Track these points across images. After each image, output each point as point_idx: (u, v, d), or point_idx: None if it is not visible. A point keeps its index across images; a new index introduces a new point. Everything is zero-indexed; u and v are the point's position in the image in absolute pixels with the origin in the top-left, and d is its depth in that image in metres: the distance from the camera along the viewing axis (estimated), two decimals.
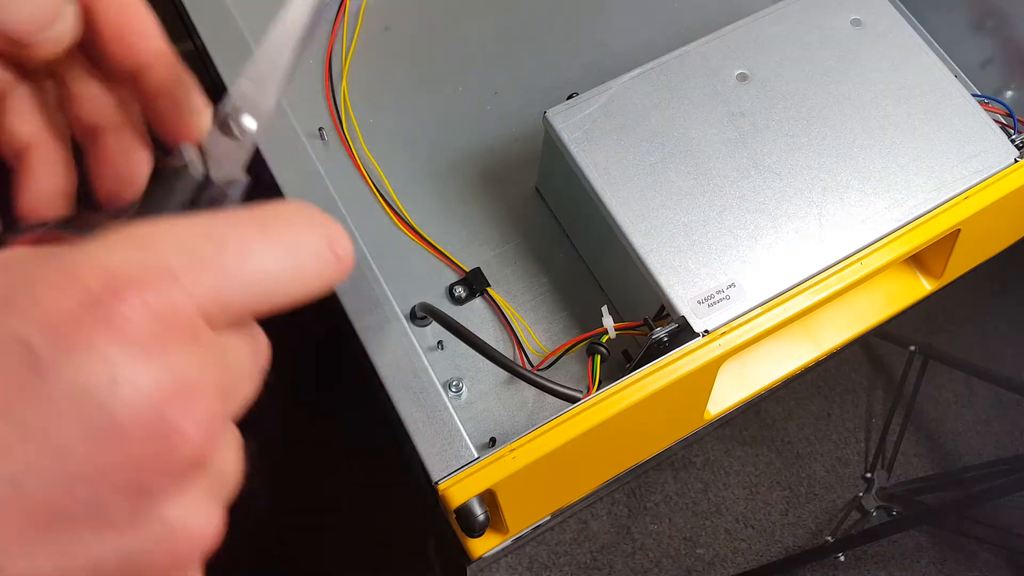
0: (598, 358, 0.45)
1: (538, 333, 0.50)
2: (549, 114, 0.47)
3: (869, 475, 1.23)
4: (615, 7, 0.60)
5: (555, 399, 0.48)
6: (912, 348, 1.23)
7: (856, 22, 0.50)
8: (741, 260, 0.43)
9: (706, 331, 0.41)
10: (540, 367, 0.48)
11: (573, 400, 0.42)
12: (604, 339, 0.45)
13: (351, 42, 0.57)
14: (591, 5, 0.60)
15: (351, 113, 0.55)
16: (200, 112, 0.25)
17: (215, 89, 0.51)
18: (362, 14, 0.58)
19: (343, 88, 0.55)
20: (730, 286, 0.43)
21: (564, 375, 0.49)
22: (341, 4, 0.57)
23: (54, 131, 0.26)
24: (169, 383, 0.16)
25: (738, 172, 0.45)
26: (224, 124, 0.24)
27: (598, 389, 0.41)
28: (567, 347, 0.47)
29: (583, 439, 0.39)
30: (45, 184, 0.25)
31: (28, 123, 0.25)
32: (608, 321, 0.44)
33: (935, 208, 0.45)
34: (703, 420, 0.47)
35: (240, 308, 0.18)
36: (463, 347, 0.48)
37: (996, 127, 0.48)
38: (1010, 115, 0.49)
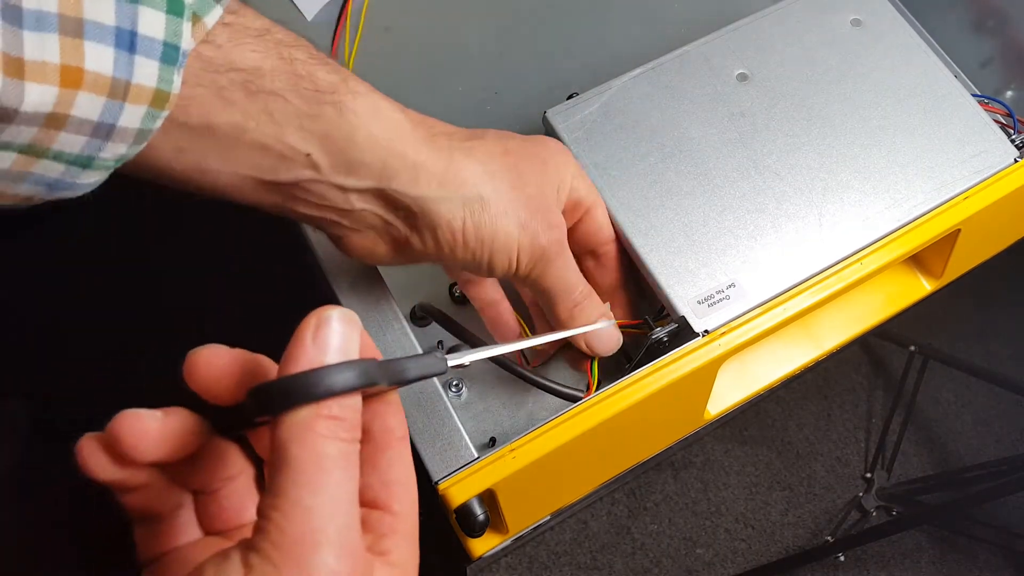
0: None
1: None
2: (549, 114, 0.47)
3: (869, 475, 1.23)
4: (615, 7, 0.60)
5: (554, 399, 0.48)
6: (912, 348, 1.22)
7: (856, 22, 0.50)
8: (741, 260, 0.43)
9: (706, 331, 0.41)
10: (537, 365, 0.48)
11: (574, 399, 0.42)
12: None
13: (353, 43, 0.57)
14: (591, 5, 0.60)
15: None
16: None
17: None
18: (364, 15, 0.58)
19: None
20: (730, 286, 0.43)
21: (564, 375, 0.49)
22: (344, 5, 0.57)
23: None
24: None
25: (738, 172, 0.45)
26: None
27: (598, 388, 0.41)
28: (564, 343, 0.47)
29: (583, 439, 0.39)
30: None
31: None
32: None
33: (935, 208, 0.45)
34: (703, 420, 0.47)
35: None
36: None
37: (996, 127, 0.48)
38: (1010, 115, 0.49)
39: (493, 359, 0.42)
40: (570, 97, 0.48)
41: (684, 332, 0.42)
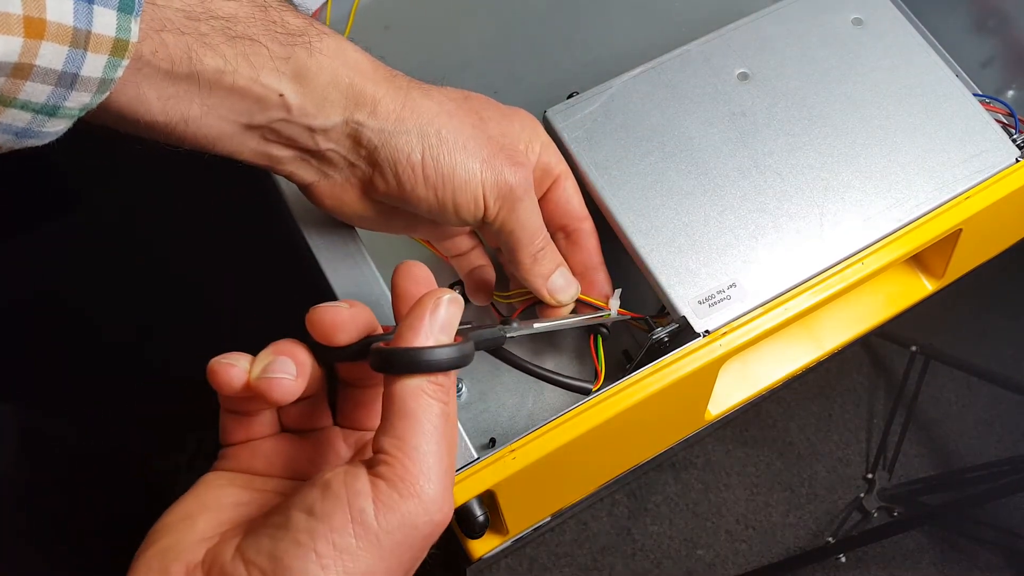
0: (599, 339, 0.44)
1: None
2: (549, 113, 0.47)
3: (870, 476, 1.23)
4: (615, 7, 0.60)
5: (555, 399, 0.47)
6: (913, 348, 1.22)
7: (857, 21, 0.50)
8: (742, 260, 0.43)
9: (707, 331, 0.41)
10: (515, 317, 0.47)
11: (584, 392, 0.42)
12: (604, 317, 0.44)
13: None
14: (591, 5, 0.60)
15: None
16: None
17: None
18: (354, 13, 0.58)
19: None
20: (731, 286, 0.43)
21: (567, 368, 0.49)
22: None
23: None
24: None
25: (739, 171, 0.45)
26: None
27: (605, 383, 0.40)
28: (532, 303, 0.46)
29: (584, 439, 0.39)
30: None
31: None
32: (615, 303, 0.44)
33: (936, 208, 0.45)
34: (704, 421, 0.47)
35: None
36: None
37: (997, 127, 0.48)
38: (1011, 115, 0.49)
39: (503, 356, 0.42)
40: (570, 96, 0.48)
41: (685, 332, 0.42)
